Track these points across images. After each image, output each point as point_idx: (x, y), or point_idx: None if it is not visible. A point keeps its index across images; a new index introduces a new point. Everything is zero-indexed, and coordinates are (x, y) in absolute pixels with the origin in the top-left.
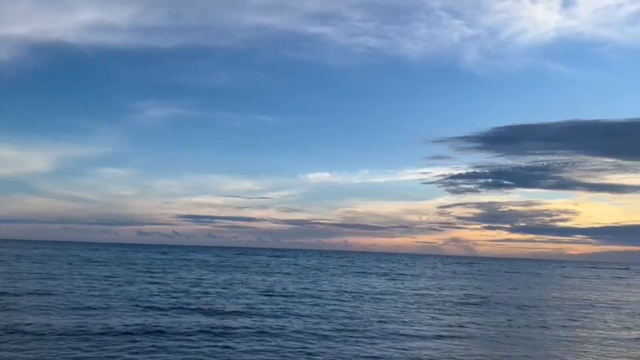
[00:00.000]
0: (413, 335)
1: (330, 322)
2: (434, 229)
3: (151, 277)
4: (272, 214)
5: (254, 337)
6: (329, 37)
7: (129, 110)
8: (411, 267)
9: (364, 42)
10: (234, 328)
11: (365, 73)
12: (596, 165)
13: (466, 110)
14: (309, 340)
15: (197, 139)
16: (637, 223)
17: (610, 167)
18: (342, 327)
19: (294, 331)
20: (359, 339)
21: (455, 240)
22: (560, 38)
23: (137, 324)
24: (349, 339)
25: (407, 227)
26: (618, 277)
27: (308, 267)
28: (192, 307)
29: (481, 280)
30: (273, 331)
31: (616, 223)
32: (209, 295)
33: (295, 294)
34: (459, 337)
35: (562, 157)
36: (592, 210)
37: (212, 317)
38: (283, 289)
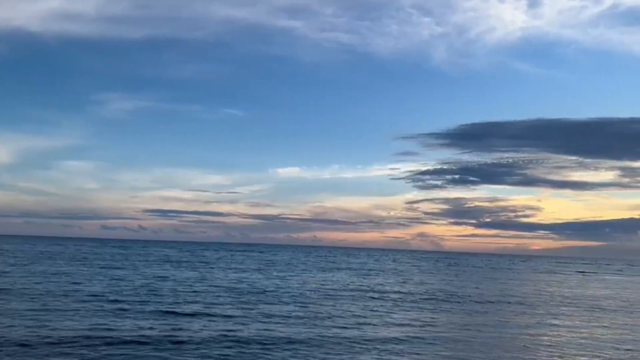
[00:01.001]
0: (372, 340)
1: (288, 325)
2: (402, 224)
3: (104, 274)
4: (241, 208)
5: (209, 344)
6: (300, 31)
7: (94, 102)
8: (377, 262)
9: (335, 38)
10: (190, 332)
11: (335, 68)
12: (559, 162)
13: (434, 107)
14: (268, 345)
15: (165, 132)
16: (597, 219)
17: (573, 165)
18: (297, 330)
19: (247, 335)
20: (316, 346)
21: (422, 235)
22: (527, 38)
23: (82, 329)
24: (298, 348)
25: (376, 223)
26: (582, 273)
27: (274, 262)
28: (144, 307)
29: (447, 276)
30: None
31: (577, 219)
32: (160, 294)
33: (254, 291)
34: (422, 338)
35: (526, 155)
36: (554, 206)
37: (165, 320)
38: (248, 284)
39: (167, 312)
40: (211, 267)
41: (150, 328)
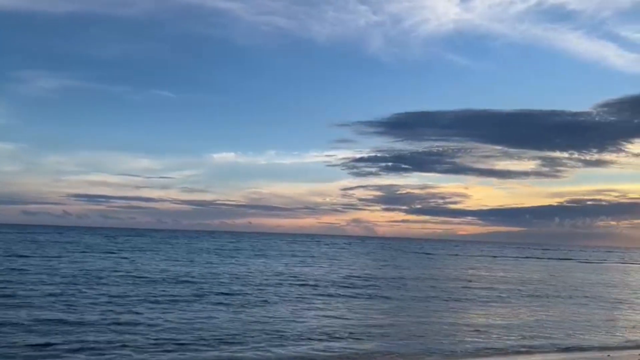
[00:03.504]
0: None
1: (192, 331)
2: (337, 210)
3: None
4: (173, 194)
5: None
6: (236, 13)
7: (14, 80)
8: (310, 247)
9: (272, 21)
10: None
11: (272, 53)
12: (486, 152)
13: (370, 95)
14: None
15: (92, 113)
16: (519, 206)
17: (498, 154)
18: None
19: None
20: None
21: (356, 221)
22: (458, 30)
23: None
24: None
25: (312, 209)
26: (505, 256)
27: (201, 249)
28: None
29: (375, 260)
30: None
31: (501, 206)
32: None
33: (167, 279)
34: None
35: (455, 144)
36: (480, 193)
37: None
38: (162, 271)
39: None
40: (123, 255)
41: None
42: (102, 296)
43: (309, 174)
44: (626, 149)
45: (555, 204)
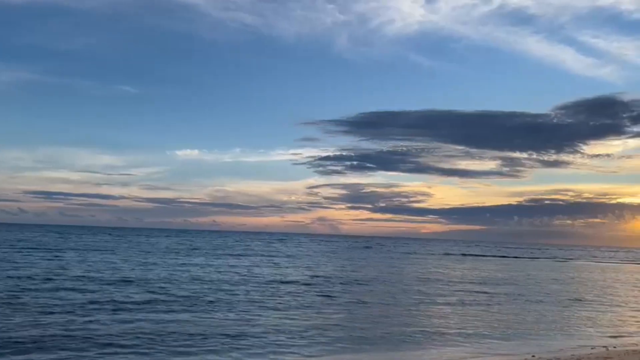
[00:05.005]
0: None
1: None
2: (303, 209)
3: None
4: (135, 191)
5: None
6: (202, 8)
7: None
8: (272, 245)
9: (238, 18)
10: None
11: (238, 49)
12: (448, 151)
13: (336, 94)
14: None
15: (51, 107)
16: (480, 205)
17: (460, 154)
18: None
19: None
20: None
21: (322, 219)
22: (423, 31)
23: None
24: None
25: (277, 207)
26: (459, 255)
27: (158, 248)
28: None
29: (340, 259)
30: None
31: (462, 205)
32: None
33: (108, 280)
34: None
35: (419, 144)
36: (443, 192)
37: None
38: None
39: None
40: (64, 253)
41: None
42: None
43: (274, 172)
44: (582, 150)
45: (515, 203)
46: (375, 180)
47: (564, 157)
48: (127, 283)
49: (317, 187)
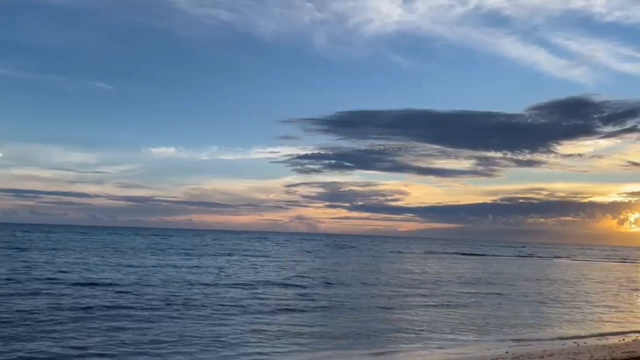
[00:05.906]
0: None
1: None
2: (281, 207)
3: None
4: (109, 189)
5: None
6: (178, 5)
7: None
8: (249, 244)
9: (215, 14)
10: None
11: (215, 47)
12: (425, 150)
13: (314, 93)
14: None
15: (22, 103)
16: (455, 203)
17: (436, 153)
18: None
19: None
20: None
21: (299, 217)
22: (401, 31)
23: None
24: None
25: (255, 205)
26: (433, 252)
27: (128, 247)
28: None
29: (318, 258)
30: None
31: (438, 203)
32: None
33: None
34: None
35: (396, 143)
36: (419, 191)
37: None
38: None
39: None
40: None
41: None
42: None
43: (252, 171)
44: (555, 150)
45: (490, 201)
46: (353, 178)
47: (537, 156)
48: (93, 286)
49: (295, 185)
